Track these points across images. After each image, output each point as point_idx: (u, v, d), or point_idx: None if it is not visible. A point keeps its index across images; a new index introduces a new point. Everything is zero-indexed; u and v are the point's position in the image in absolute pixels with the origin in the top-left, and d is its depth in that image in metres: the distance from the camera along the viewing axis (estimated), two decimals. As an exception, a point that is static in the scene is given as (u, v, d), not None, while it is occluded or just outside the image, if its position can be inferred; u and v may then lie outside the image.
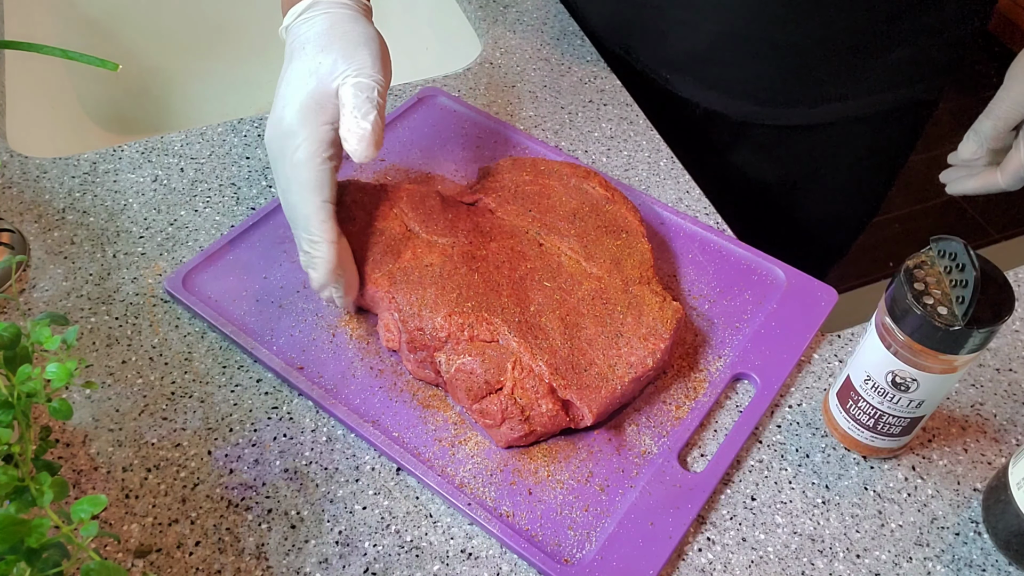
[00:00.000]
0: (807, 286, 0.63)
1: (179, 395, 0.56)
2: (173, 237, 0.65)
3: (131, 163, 0.71)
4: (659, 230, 0.67)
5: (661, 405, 0.56)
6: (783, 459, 0.55)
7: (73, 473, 0.52)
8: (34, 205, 0.67)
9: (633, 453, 0.54)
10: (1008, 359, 0.61)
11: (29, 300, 0.60)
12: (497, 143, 0.74)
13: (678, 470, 0.53)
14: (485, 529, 0.50)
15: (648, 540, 0.49)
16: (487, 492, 0.52)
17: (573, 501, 0.51)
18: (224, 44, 1.05)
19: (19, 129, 0.75)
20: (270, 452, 0.53)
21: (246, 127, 0.74)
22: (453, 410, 0.56)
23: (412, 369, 0.57)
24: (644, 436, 0.55)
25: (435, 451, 0.53)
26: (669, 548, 0.49)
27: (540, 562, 0.48)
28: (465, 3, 0.90)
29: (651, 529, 0.50)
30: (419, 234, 0.60)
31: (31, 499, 0.39)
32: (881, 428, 0.52)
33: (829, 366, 0.60)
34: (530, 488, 0.52)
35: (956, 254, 0.47)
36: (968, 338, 0.45)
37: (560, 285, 0.58)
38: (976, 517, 0.53)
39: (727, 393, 0.58)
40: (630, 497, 0.51)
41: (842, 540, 0.51)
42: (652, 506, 0.51)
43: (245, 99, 1.06)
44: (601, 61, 0.83)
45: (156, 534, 0.49)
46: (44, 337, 0.42)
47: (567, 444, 0.54)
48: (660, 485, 0.52)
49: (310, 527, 0.50)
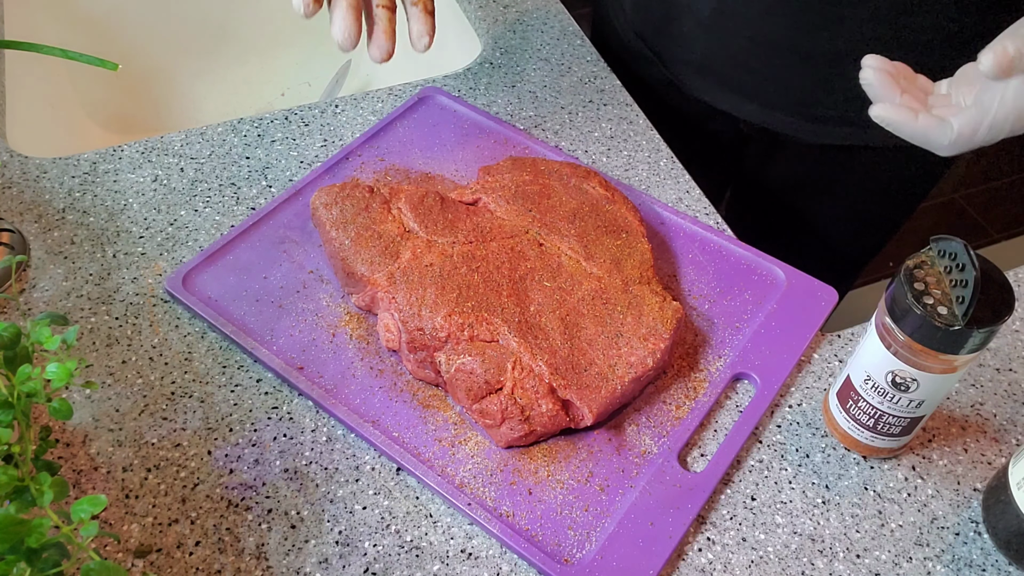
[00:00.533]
0: (807, 286, 0.63)
1: (179, 395, 0.56)
2: (173, 237, 0.65)
3: (131, 163, 0.71)
4: (659, 230, 0.67)
5: (661, 405, 0.56)
6: (783, 459, 0.55)
7: (73, 473, 0.52)
8: (34, 205, 0.67)
9: (633, 453, 0.54)
10: (1008, 359, 0.61)
11: (29, 300, 0.60)
12: (497, 143, 0.74)
13: (678, 470, 0.53)
14: (485, 529, 0.50)
15: (648, 540, 0.49)
16: (487, 492, 0.52)
17: (573, 501, 0.51)
18: (224, 44, 1.05)
19: (19, 129, 0.75)
20: (270, 452, 0.53)
21: (246, 127, 0.74)
22: (453, 410, 0.56)
23: (412, 369, 0.57)
24: (644, 436, 0.55)
25: (435, 451, 0.53)
26: (669, 548, 0.49)
27: (540, 562, 0.48)
28: (465, 3, 0.90)
29: (651, 529, 0.50)
30: (419, 234, 0.60)
31: (31, 499, 0.39)
32: (881, 428, 0.52)
33: (829, 366, 0.60)
34: (530, 488, 0.52)
35: (956, 254, 0.47)
36: (968, 338, 0.45)
37: (560, 285, 0.58)
38: (976, 517, 0.53)
39: (727, 393, 0.58)
40: (630, 497, 0.51)
41: (842, 540, 0.51)
42: (652, 506, 0.51)
43: (245, 99, 1.06)
44: (601, 61, 0.83)
45: (156, 534, 0.49)
46: (44, 337, 0.43)
47: (567, 444, 0.54)
48: (660, 485, 0.52)
49: (310, 527, 0.50)
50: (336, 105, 0.77)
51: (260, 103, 1.06)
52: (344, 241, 0.60)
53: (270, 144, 0.73)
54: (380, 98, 0.78)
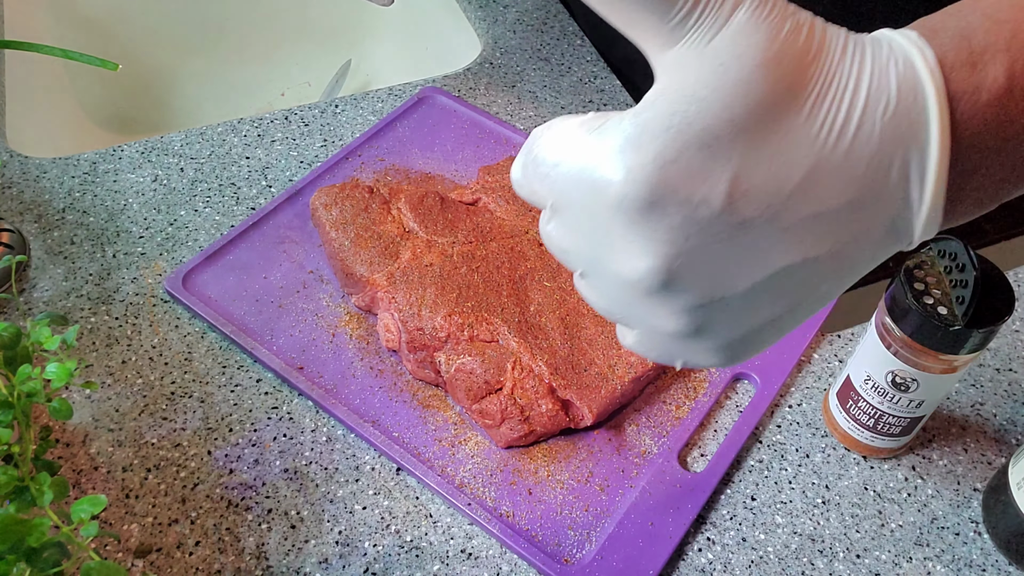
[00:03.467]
0: None
1: (179, 395, 0.56)
2: (173, 237, 0.65)
3: (131, 163, 0.71)
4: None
5: (661, 405, 0.56)
6: (783, 459, 0.55)
7: (73, 473, 0.52)
8: (34, 205, 0.67)
9: (633, 453, 0.54)
10: (1008, 359, 0.61)
11: (29, 300, 0.60)
12: (497, 143, 0.74)
13: (678, 470, 0.53)
14: (485, 529, 0.50)
15: (648, 540, 0.49)
16: (487, 492, 0.52)
17: (573, 501, 0.51)
18: (224, 44, 1.05)
19: (19, 129, 0.75)
20: (270, 452, 0.53)
21: (246, 127, 0.74)
22: (453, 410, 0.56)
23: (412, 369, 0.57)
24: (644, 436, 0.55)
25: (435, 451, 0.53)
26: (669, 548, 0.49)
27: (540, 562, 0.48)
28: (465, 3, 0.90)
29: (651, 529, 0.50)
30: (418, 234, 0.60)
31: (31, 499, 0.39)
32: (881, 428, 0.52)
33: (829, 366, 0.60)
34: (530, 488, 0.52)
35: (956, 254, 0.47)
36: (968, 338, 0.45)
37: (560, 285, 0.58)
38: (976, 517, 0.53)
39: (727, 393, 0.58)
40: (630, 497, 0.51)
41: (842, 540, 0.51)
42: (652, 506, 0.51)
43: (245, 99, 1.06)
44: (601, 61, 0.83)
45: (156, 534, 0.49)
46: (44, 337, 0.43)
47: (567, 444, 0.54)
48: (660, 485, 0.52)
49: (310, 527, 0.50)
50: (336, 105, 0.77)
51: (260, 103, 1.06)
52: (344, 242, 0.60)
53: (270, 144, 0.73)
54: (380, 98, 0.78)
